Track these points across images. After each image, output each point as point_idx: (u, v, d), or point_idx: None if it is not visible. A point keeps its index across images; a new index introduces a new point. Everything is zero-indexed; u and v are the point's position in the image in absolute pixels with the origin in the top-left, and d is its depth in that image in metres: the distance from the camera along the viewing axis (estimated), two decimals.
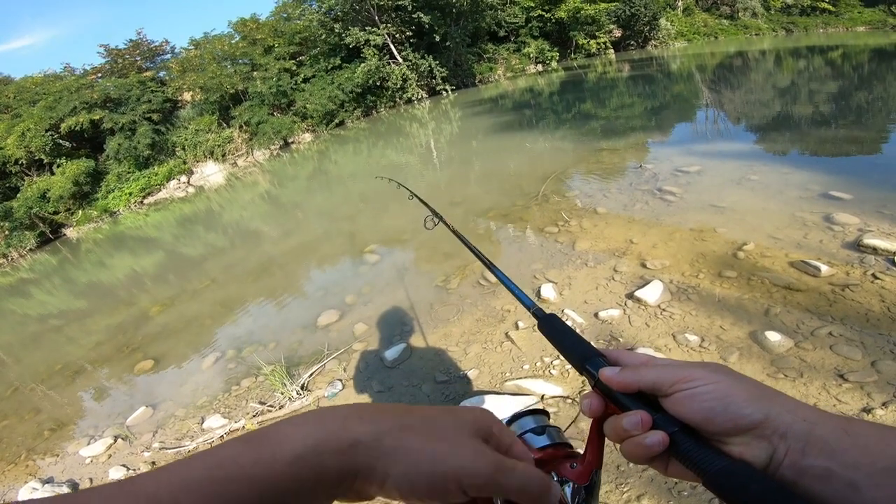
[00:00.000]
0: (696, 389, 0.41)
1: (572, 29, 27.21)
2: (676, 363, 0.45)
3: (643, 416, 0.43)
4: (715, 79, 15.51)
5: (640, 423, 0.42)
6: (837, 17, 29.31)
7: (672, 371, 0.43)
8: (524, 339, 3.13)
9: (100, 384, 4.66)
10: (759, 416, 0.38)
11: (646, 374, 0.44)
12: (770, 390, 0.41)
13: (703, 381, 0.41)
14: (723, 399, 0.39)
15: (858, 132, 6.51)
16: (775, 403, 0.39)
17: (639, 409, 0.44)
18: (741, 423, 0.38)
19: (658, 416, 0.42)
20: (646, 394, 0.44)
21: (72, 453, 3.46)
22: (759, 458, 0.37)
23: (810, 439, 0.36)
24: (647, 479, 2.00)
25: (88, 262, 12.54)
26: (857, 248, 3.23)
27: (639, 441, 0.42)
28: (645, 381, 0.44)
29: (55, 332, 7.02)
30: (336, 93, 21.46)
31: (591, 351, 0.51)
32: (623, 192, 5.44)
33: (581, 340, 0.54)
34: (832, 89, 10.28)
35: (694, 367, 0.43)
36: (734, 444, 0.39)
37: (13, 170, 18.05)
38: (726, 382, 0.41)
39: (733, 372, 0.43)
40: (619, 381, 0.46)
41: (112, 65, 23.39)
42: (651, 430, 0.42)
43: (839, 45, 19.15)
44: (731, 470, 0.37)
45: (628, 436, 0.43)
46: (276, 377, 3.25)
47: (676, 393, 0.42)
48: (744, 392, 0.40)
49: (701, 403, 0.40)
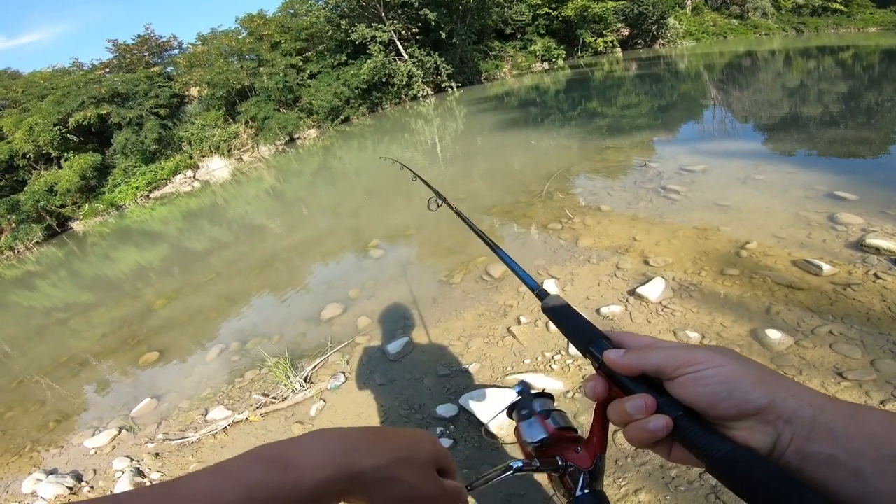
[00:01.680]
0: (700, 373, 0.40)
1: (579, 27, 27.06)
2: (681, 346, 0.45)
3: (647, 400, 0.42)
4: (723, 78, 15.42)
5: (643, 407, 0.42)
6: (849, 17, 28.88)
7: (677, 354, 0.43)
8: (526, 334, 3.15)
9: (104, 376, 4.71)
10: (765, 400, 0.37)
11: (650, 356, 0.44)
12: (776, 375, 0.40)
13: (708, 364, 0.40)
14: (728, 383, 0.39)
15: (866, 133, 6.47)
16: (781, 388, 0.38)
17: (643, 392, 0.43)
18: (746, 408, 0.38)
19: (662, 399, 0.42)
20: (650, 377, 0.44)
21: (76, 444, 3.49)
22: (763, 443, 0.37)
23: (816, 425, 0.35)
24: (644, 474, 2.01)
25: (94, 255, 12.64)
26: (860, 248, 3.23)
27: (642, 425, 0.42)
28: (649, 364, 0.43)
29: (60, 325, 7.07)
30: (342, 89, 21.50)
31: (596, 333, 0.51)
32: (627, 190, 5.43)
33: (585, 322, 0.54)
34: (841, 90, 10.20)
35: (699, 350, 0.43)
36: (739, 429, 0.38)
37: (21, 163, 18.18)
38: (732, 366, 0.40)
39: (739, 355, 0.42)
40: (624, 363, 0.45)
41: (120, 60, 23.57)
42: (655, 415, 0.41)
43: (850, 46, 18.96)
44: (735, 456, 0.36)
45: (632, 420, 0.43)
46: (280, 369, 3.28)
47: (681, 376, 0.41)
48: (749, 376, 0.39)
49: (706, 387, 0.40)
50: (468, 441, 2.43)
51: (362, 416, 2.86)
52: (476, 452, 2.34)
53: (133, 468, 2.95)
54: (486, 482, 0.54)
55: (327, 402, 3.07)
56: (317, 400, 3.09)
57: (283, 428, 2.95)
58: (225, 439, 3.01)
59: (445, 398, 2.78)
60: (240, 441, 2.94)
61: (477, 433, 2.46)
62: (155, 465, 2.97)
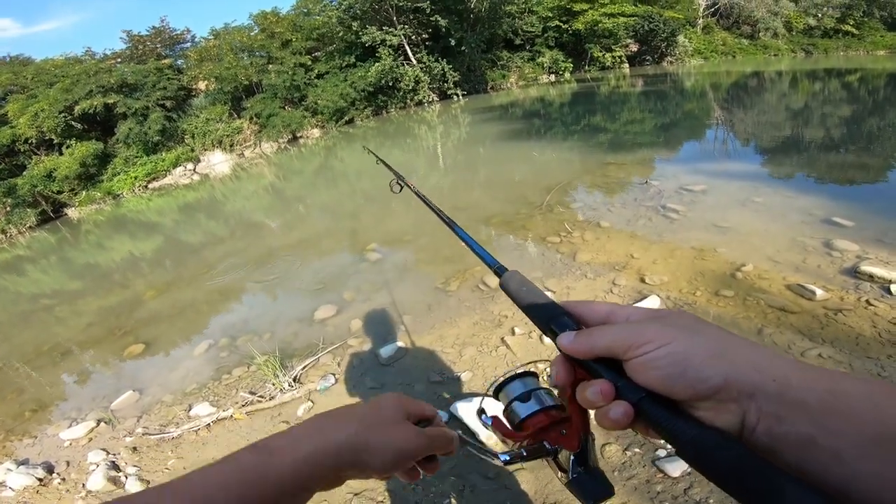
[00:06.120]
0: (649, 355, 0.37)
1: (588, 41, 27.24)
2: (633, 323, 0.41)
3: (603, 387, 0.39)
4: (728, 98, 15.54)
5: (600, 394, 0.39)
6: (860, 40, 29.08)
7: (626, 333, 0.39)
8: (520, 344, 3.13)
9: (87, 366, 4.63)
10: (719, 379, 0.34)
11: (600, 339, 0.40)
12: (733, 344, 0.36)
13: (657, 342, 0.37)
14: (679, 363, 0.35)
15: (866, 158, 6.51)
16: (738, 361, 0.34)
17: (601, 376, 0.40)
18: (700, 389, 0.34)
19: (622, 383, 0.39)
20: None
21: (51, 435, 3.42)
22: (730, 423, 0.34)
23: (785, 401, 0.32)
24: (630, 488, 2.00)
25: (87, 242, 12.55)
26: (853, 275, 3.24)
27: (604, 412, 0.39)
28: (599, 348, 0.40)
29: (46, 312, 6.96)
30: (348, 90, 21.56)
31: (556, 310, 0.47)
32: (627, 207, 5.44)
33: (545, 299, 0.50)
34: (845, 113, 10.30)
35: (649, 326, 0.39)
36: (703, 409, 0.35)
37: (22, 148, 18.12)
38: (682, 342, 0.36)
39: (694, 325, 0.38)
40: (574, 348, 0.42)
41: (132, 51, 23.66)
42: (615, 401, 0.38)
43: (857, 69, 19.15)
44: (701, 439, 0.34)
45: (594, 406, 0.40)
46: (269, 368, 3.25)
47: (632, 359, 0.38)
48: (701, 351, 0.35)
49: (656, 370, 0.36)
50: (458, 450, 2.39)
51: None
52: (463, 460, 2.30)
53: (108, 462, 2.89)
54: (478, 451, 0.58)
55: (315, 403, 3.03)
56: (305, 401, 3.05)
57: (269, 427, 2.90)
58: (207, 436, 2.96)
59: (436, 405, 2.72)
60: (222, 439, 2.89)
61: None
62: (132, 459, 2.91)
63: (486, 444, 2.36)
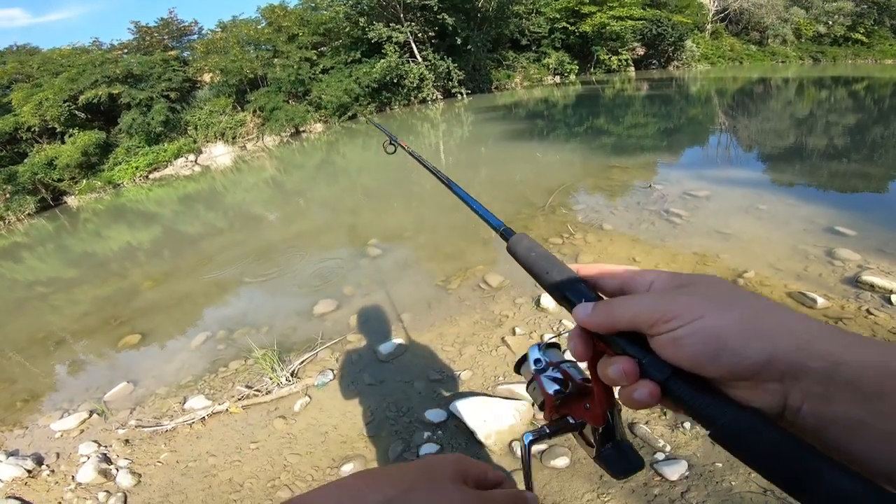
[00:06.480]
0: (678, 331, 0.34)
1: (595, 43, 27.20)
2: (659, 294, 0.38)
3: (626, 366, 0.36)
4: (733, 104, 15.52)
5: (623, 373, 0.36)
6: (869, 48, 29.09)
7: (651, 305, 0.36)
8: (521, 344, 3.11)
9: (81, 356, 4.57)
10: (762, 356, 0.31)
11: (622, 312, 0.37)
12: (772, 316, 0.33)
13: (686, 317, 0.34)
14: (711, 342, 0.32)
15: (870, 168, 6.50)
16: (781, 338, 0.31)
17: (623, 353, 0.37)
18: (737, 370, 0.31)
19: (647, 359, 0.36)
20: None
21: (42, 426, 3.37)
22: (770, 404, 0.31)
23: (834, 382, 0.29)
24: (627, 491, 1.99)
25: (85, 231, 12.50)
26: (854, 284, 3.24)
27: (629, 393, 0.36)
28: (622, 323, 0.37)
29: (41, 300, 6.89)
30: (352, 86, 21.53)
31: (571, 276, 0.44)
32: (630, 210, 5.42)
33: (558, 263, 0.46)
34: (850, 122, 10.28)
35: (678, 298, 0.36)
36: (739, 389, 0.32)
37: (24, 136, 18.09)
38: (713, 317, 0.33)
39: (725, 294, 0.35)
40: (594, 323, 0.38)
41: (139, 42, 23.69)
42: (640, 381, 0.36)
43: (864, 77, 19.15)
44: (738, 422, 0.31)
45: (617, 384, 0.37)
46: (267, 361, 3.22)
47: (658, 335, 0.35)
48: (737, 327, 0.32)
49: (686, 349, 0.33)
50: (455, 447, 2.39)
51: (348, 416, 2.80)
52: None
53: (100, 454, 2.86)
54: (528, 472, 0.50)
55: (313, 398, 3.01)
56: (302, 396, 3.03)
57: (265, 422, 2.88)
58: (202, 430, 2.93)
59: (435, 403, 2.73)
60: (217, 432, 2.87)
61: (464, 439, 2.41)
62: (123, 451, 2.88)
63: (485, 444, 2.35)
